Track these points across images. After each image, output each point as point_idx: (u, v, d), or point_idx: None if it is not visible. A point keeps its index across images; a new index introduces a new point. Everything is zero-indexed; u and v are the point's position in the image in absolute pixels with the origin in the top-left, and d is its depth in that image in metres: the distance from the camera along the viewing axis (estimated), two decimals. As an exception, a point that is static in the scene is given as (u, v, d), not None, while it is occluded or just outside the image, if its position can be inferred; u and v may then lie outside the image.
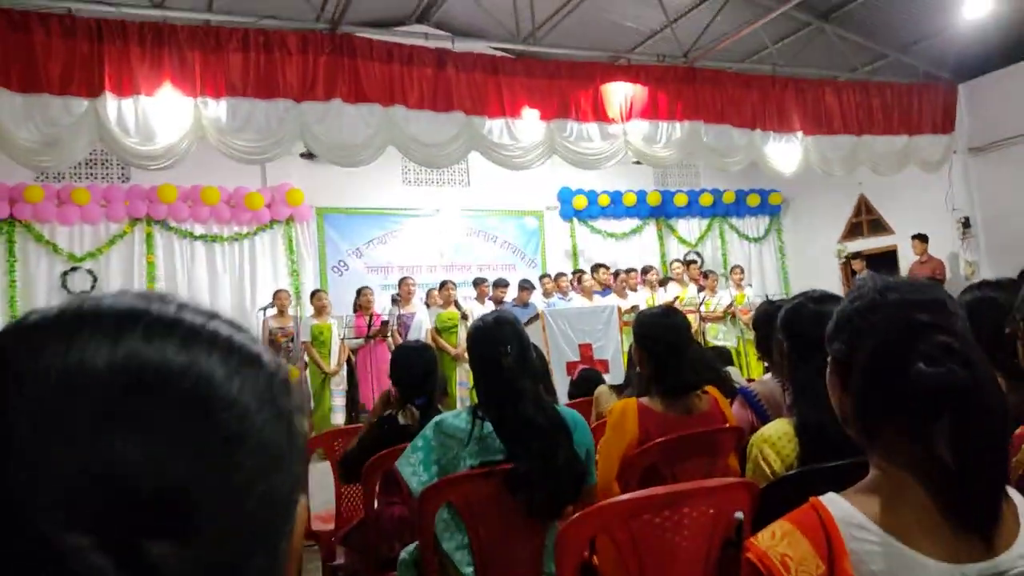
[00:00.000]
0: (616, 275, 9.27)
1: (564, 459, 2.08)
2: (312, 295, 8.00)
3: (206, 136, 6.25)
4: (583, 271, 9.40)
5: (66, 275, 8.27)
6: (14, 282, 7.99)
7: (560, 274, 9.27)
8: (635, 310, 7.58)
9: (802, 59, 9.23)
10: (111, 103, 5.89)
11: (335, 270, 9.72)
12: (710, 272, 9.98)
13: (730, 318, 9.22)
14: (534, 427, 2.08)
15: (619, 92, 7.94)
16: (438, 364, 3.00)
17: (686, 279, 9.67)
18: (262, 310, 7.72)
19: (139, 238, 8.65)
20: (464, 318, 7.97)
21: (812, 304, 1.93)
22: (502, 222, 10.86)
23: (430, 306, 8.36)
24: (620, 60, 8.54)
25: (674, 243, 11.88)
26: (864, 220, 11.30)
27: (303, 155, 8.84)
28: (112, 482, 0.34)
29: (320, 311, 7.63)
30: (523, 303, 8.52)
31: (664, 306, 2.97)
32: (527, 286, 8.75)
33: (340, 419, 7.29)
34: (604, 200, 11.30)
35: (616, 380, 5.43)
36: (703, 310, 9.11)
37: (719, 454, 2.54)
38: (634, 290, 9.17)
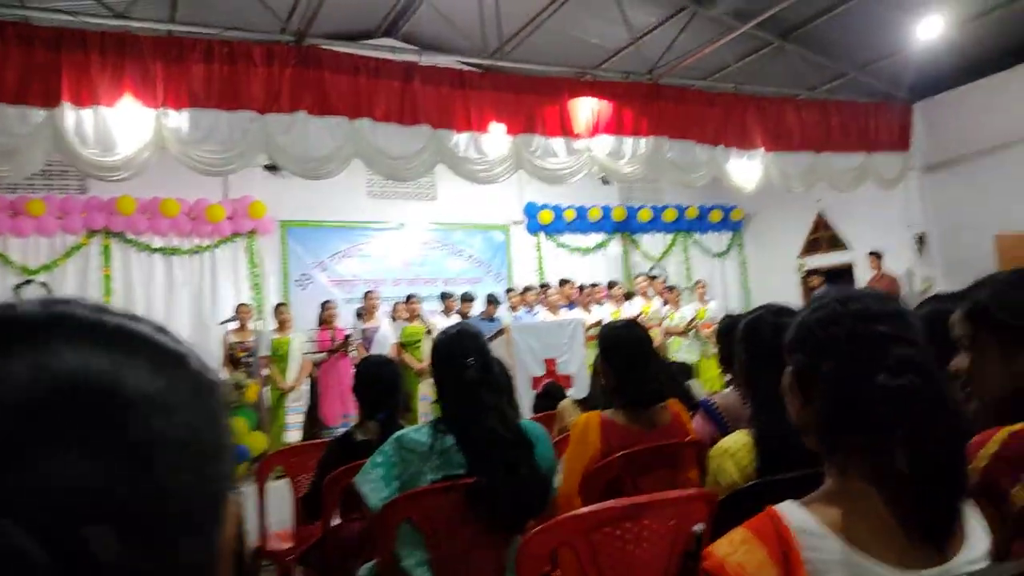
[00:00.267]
0: (581, 289, 9.31)
1: (526, 473, 2.06)
2: (275, 309, 7.90)
3: (167, 147, 6.14)
4: (549, 285, 9.43)
5: (18, 288, 8.04)
6: (-36, 295, 7.75)
7: (527, 288, 9.28)
8: (600, 324, 7.61)
9: (763, 77, 9.42)
10: (69, 113, 5.76)
11: (299, 284, 9.61)
12: (674, 287, 10.08)
13: (693, 332, 9.31)
14: (496, 440, 2.06)
15: (585, 107, 8.01)
16: (401, 379, 2.97)
17: (651, 293, 9.75)
18: (222, 324, 7.58)
19: (96, 251, 8.46)
20: (429, 332, 7.93)
21: (771, 316, 1.95)
22: (468, 236, 10.85)
23: (395, 320, 8.30)
24: (586, 76, 8.62)
25: (639, 258, 11.99)
26: (822, 236, 11.53)
27: (266, 167, 8.74)
28: (33, 493, 0.34)
29: (282, 325, 7.53)
30: (489, 317, 8.52)
31: (627, 319, 2.99)
32: (493, 300, 8.75)
33: (295, 437, 7.16)
34: (570, 215, 11.38)
35: (580, 394, 5.45)
36: (667, 324, 9.19)
37: (681, 467, 2.55)
38: (599, 304, 9.21)
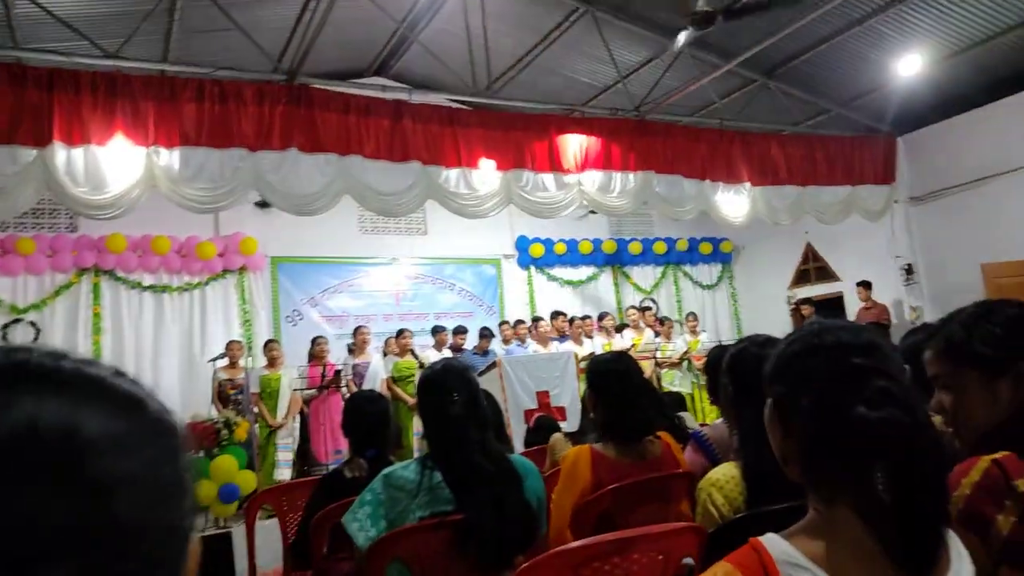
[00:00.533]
0: (571, 322, 9.33)
1: (513, 507, 2.05)
2: (265, 345, 7.86)
3: (157, 185, 6.16)
4: (541, 318, 9.44)
5: (7, 327, 7.99)
6: (-49, 334, 7.70)
7: (519, 321, 9.29)
8: (592, 357, 7.61)
9: (748, 113, 9.58)
10: (60, 152, 5.77)
11: (289, 320, 9.58)
12: (666, 319, 10.11)
13: (686, 364, 9.31)
14: (481, 475, 2.05)
15: (573, 143, 8.11)
16: (391, 416, 2.96)
17: (642, 325, 9.77)
18: (212, 361, 7.53)
19: (85, 288, 8.43)
20: (421, 367, 7.90)
21: (755, 348, 1.96)
22: (459, 270, 10.88)
23: (387, 355, 8.27)
24: (574, 113, 8.75)
25: (629, 290, 12.04)
26: (811, 267, 11.63)
27: (257, 204, 8.78)
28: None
29: (272, 362, 7.49)
30: (483, 351, 8.51)
31: (617, 352, 2.99)
32: (487, 334, 8.75)
33: (285, 474, 7.07)
34: (560, 248, 11.44)
35: (574, 427, 5.42)
36: (659, 356, 9.19)
37: (672, 500, 2.54)
38: (590, 337, 9.22)
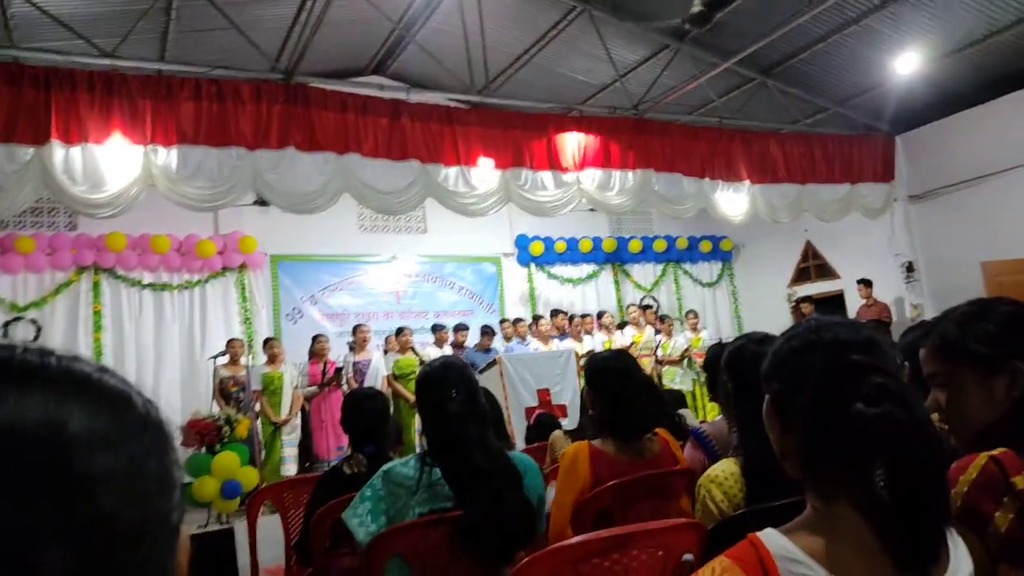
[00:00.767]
0: (571, 320, 9.34)
1: (512, 504, 2.05)
2: (265, 343, 7.87)
3: (156, 184, 6.16)
4: (541, 316, 9.45)
5: (8, 325, 7.99)
6: (-49, 333, 7.70)
7: (519, 319, 9.31)
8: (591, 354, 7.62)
9: (747, 112, 9.58)
10: (58, 151, 5.78)
11: (289, 318, 9.59)
12: (666, 316, 10.12)
13: (686, 361, 9.32)
14: (480, 472, 2.06)
15: (572, 141, 8.11)
16: (389, 412, 2.96)
17: (643, 323, 9.78)
18: (213, 358, 7.54)
19: (85, 287, 8.44)
20: (422, 364, 7.90)
21: (753, 345, 1.96)
22: (459, 268, 10.88)
23: (387, 352, 8.28)
24: (572, 111, 8.75)
25: (630, 288, 12.04)
26: (811, 265, 11.63)
27: (256, 202, 8.78)
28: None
29: (273, 359, 7.50)
30: (484, 348, 8.52)
31: (616, 349, 3.00)
32: (489, 331, 8.76)
33: (292, 469, 7.11)
34: (560, 246, 11.44)
35: (574, 424, 5.43)
36: (660, 353, 9.20)
37: (671, 496, 2.54)
38: (590, 334, 9.23)
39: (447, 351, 8.27)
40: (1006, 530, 1.13)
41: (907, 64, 8.52)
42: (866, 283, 9.74)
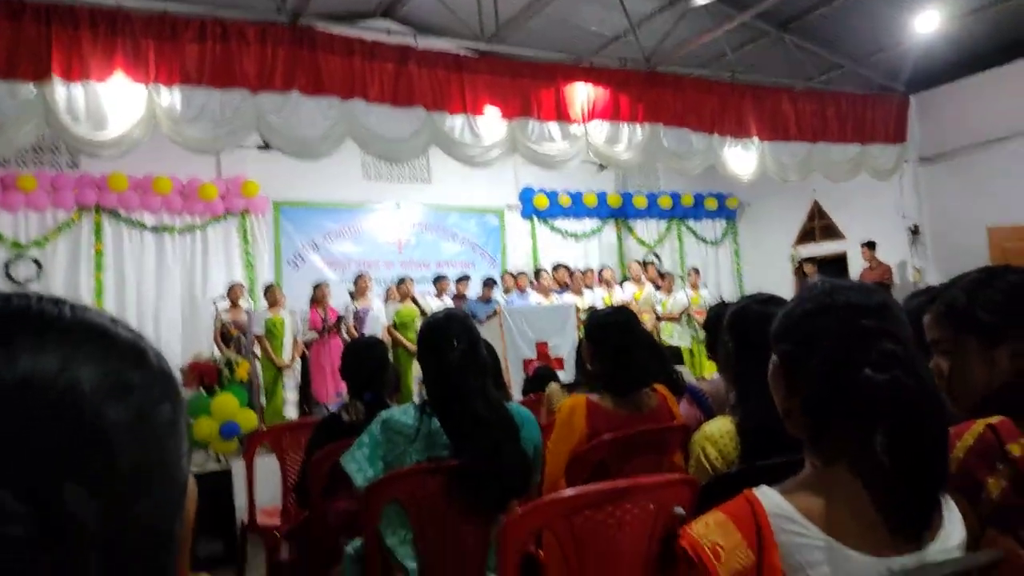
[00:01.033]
0: (572, 274, 9.33)
1: (509, 454, 2.08)
2: (266, 289, 7.89)
3: (159, 125, 6.10)
4: (543, 270, 9.44)
5: (10, 264, 8.01)
6: (-46, 270, 7.72)
7: (521, 272, 9.30)
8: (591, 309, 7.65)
9: (760, 67, 9.39)
10: (60, 88, 5.69)
11: (291, 264, 9.59)
12: (667, 273, 10.11)
13: (686, 319, 9.34)
14: (479, 422, 2.08)
15: (581, 93, 7.98)
16: (388, 361, 2.98)
17: (644, 280, 9.78)
18: (215, 303, 7.56)
19: (87, 227, 8.41)
20: (423, 314, 7.94)
21: (757, 306, 1.95)
22: (463, 219, 10.83)
23: (388, 302, 8.30)
24: (583, 62, 8.58)
25: (633, 244, 12.00)
26: (817, 225, 11.56)
27: (259, 146, 8.69)
28: (16, 425, 0.39)
29: (274, 304, 7.53)
30: (486, 299, 8.54)
31: (617, 305, 3.00)
32: (490, 283, 8.77)
33: (292, 413, 7.21)
34: (565, 200, 11.36)
35: (571, 378, 5.47)
36: (659, 310, 9.22)
37: (666, 451, 2.57)
38: (591, 289, 9.24)
39: (448, 302, 8.30)
40: (998, 497, 1.14)
41: (928, 22, 8.32)
42: (870, 245, 9.70)
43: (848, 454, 0.99)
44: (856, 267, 10.28)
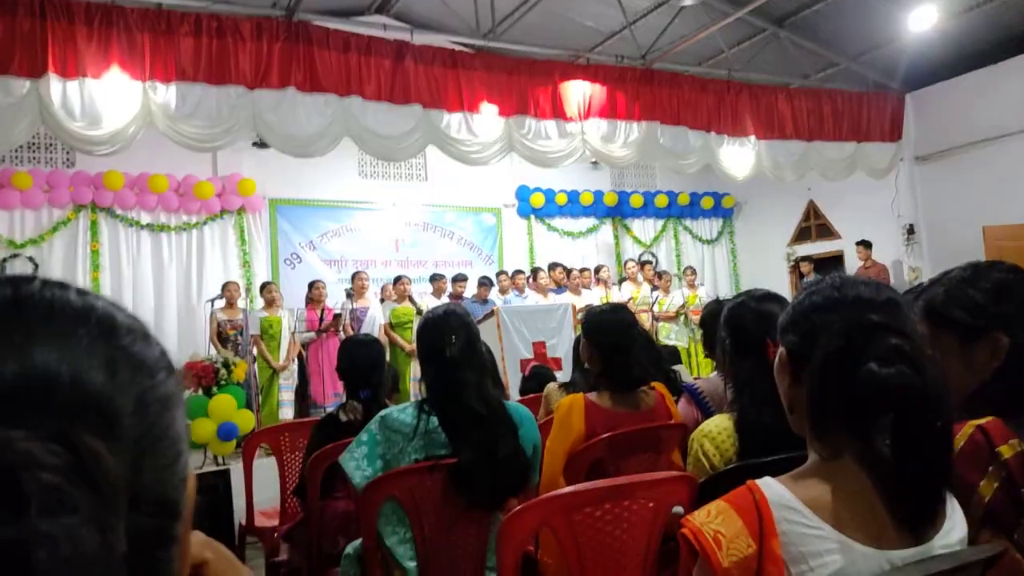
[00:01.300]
0: (569, 273, 9.33)
1: (505, 451, 2.07)
2: (262, 287, 7.85)
3: (154, 122, 6.07)
4: (540, 269, 9.43)
5: (5, 262, 7.97)
6: (-52, 267, 7.68)
7: (517, 271, 9.29)
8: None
9: (756, 64, 9.40)
10: (55, 84, 5.68)
11: (288, 262, 9.56)
12: (664, 272, 10.11)
13: (683, 318, 9.35)
14: (475, 418, 2.07)
15: (578, 90, 7.98)
16: (385, 358, 2.97)
17: (640, 279, 9.78)
18: (210, 302, 7.53)
19: (83, 225, 8.38)
20: (419, 313, 7.92)
21: (753, 303, 1.96)
22: (459, 218, 10.82)
23: (384, 301, 8.29)
24: (579, 59, 8.58)
25: (629, 243, 12.00)
26: (813, 225, 11.57)
27: (255, 144, 8.67)
28: (36, 383, 0.39)
29: (270, 304, 7.50)
30: (482, 299, 8.53)
31: (613, 303, 2.99)
32: (486, 282, 8.76)
33: (288, 414, 7.17)
34: (561, 199, 11.36)
35: (569, 377, 5.46)
36: (656, 309, 9.22)
37: (664, 450, 2.57)
38: (588, 288, 9.23)
39: (445, 301, 8.28)
40: (989, 499, 1.14)
41: (924, 19, 8.32)
42: (865, 244, 9.71)
43: (852, 447, 0.99)
44: (852, 266, 10.30)
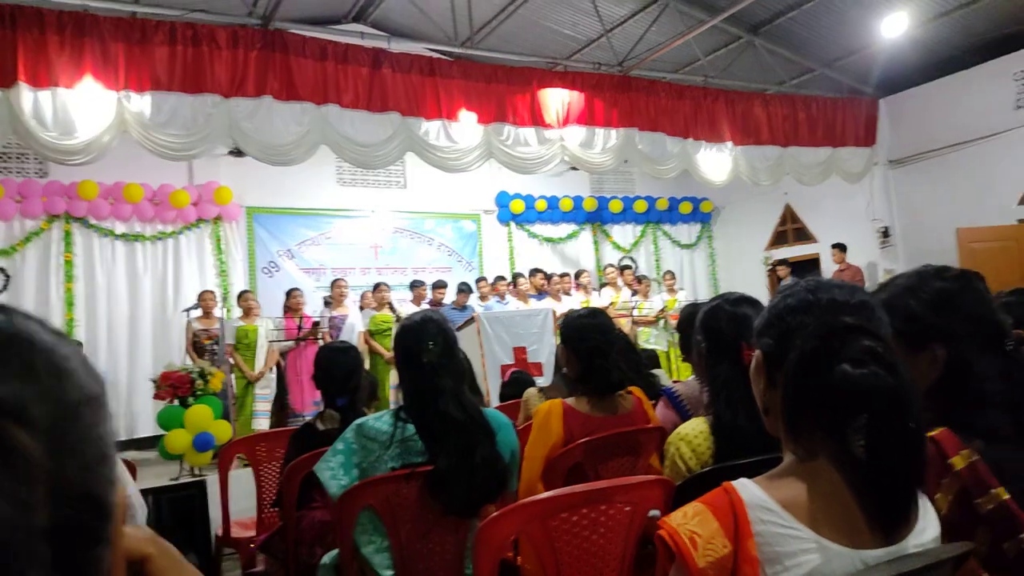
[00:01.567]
0: (549, 279, 9.34)
1: (482, 457, 2.06)
2: (239, 296, 7.77)
3: (129, 131, 6.00)
4: (520, 275, 9.43)
5: (-23, 274, 7.84)
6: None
7: (498, 278, 9.28)
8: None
9: (732, 71, 9.50)
10: (26, 94, 5.60)
11: (265, 271, 9.48)
12: (643, 277, 10.15)
13: (662, 322, 9.39)
14: (452, 423, 2.06)
15: (556, 98, 8.01)
16: (362, 365, 2.95)
17: (620, 284, 9.81)
18: (186, 311, 7.44)
19: (57, 236, 8.25)
20: (399, 320, 7.88)
21: (728, 306, 1.96)
22: (439, 225, 10.80)
23: (364, 308, 8.24)
24: (557, 66, 8.62)
25: (609, 248, 12.04)
26: (789, 228, 11.69)
27: (232, 152, 8.60)
28: None
29: (247, 312, 7.42)
30: (461, 306, 8.51)
31: (590, 308, 3.00)
32: (465, 289, 8.74)
33: (264, 424, 7.08)
34: (541, 205, 11.38)
35: (548, 382, 5.46)
36: (636, 314, 9.25)
37: (642, 453, 2.57)
38: (568, 294, 9.25)
39: (424, 308, 8.25)
40: (946, 512, 1.14)
41: (896, 25, 8.45)
42: (840, 247, 9.83)
43: (826, 448, 0.99)
44: (828, 269, 10.41)
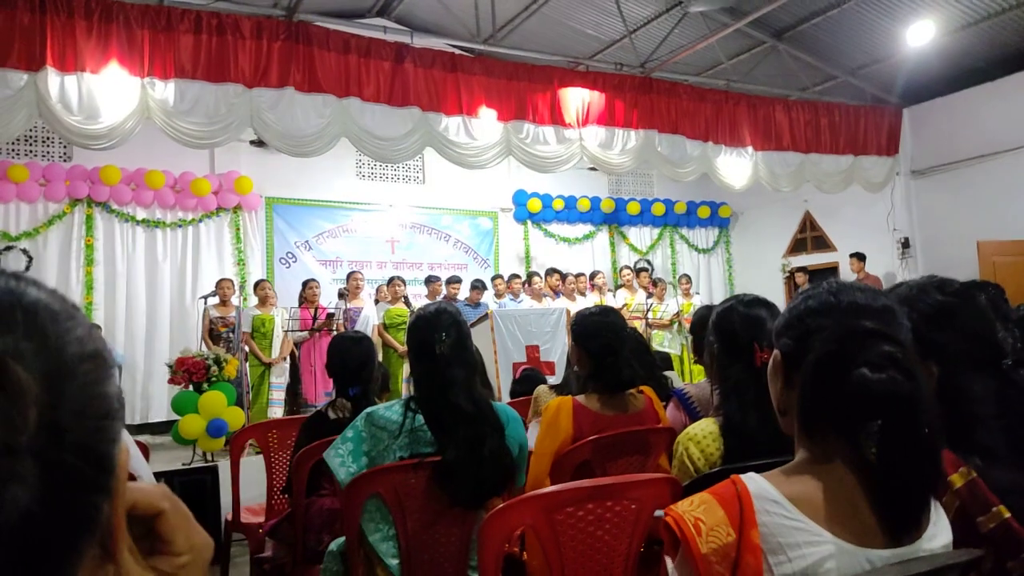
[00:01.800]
0: (565, 279, 9.33)
1: (490, 449, 2.07)
2: (256, 285, 7.84)
3: (152, 118, 6.07)
4: (536, 274, 9.43)
5: (0, 254, 7.95)
6: (-57, 259, 7.66)
7: (513, 276, 9.29)
8: (582, 314, 7.63)
9: (755, 76, 9.44)
10: (53, 78, 5.68)
11: (283, 262, 9.55)
12: (659, 280, 10.12)
13: (676, 326, 9.36)
14: (461, 415, 2.07)
15: (576, 97, 8.00)
16: (374, 356, 2.97)
17: (636, 286, 9.79)
18: (203, 298, 7.52)
19: (79, 219, 8.36)
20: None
21: (742, 307, 1.96)
22: (456, 221, 10.82)
23: (379, 302, 8.28)
24: (578, 66, 8.61)
25: (625, 250, 12.01)
26: (808, 236, 11.60)
27: (253, 142, 8.67)
28: None
29: (263, 301, 7.48)
30: (475, 303, 8.52)
31: (602, 306, 3.00)
32: (479, 286, 8.75)
33: (279, 412, 7.14)
34: (558, 204, 11.37)
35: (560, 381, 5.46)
36: (650, 317, 9.23)
37: (651, 453, 2.57)
38: (583, 295, 9.24)
39: (439, 302, 8.25)
40: None
41: (922, 34, 8.36)
42: (859, 257, 9.74)
43: (841, 450, 1.00)
44: (847, 279, 10.31)
